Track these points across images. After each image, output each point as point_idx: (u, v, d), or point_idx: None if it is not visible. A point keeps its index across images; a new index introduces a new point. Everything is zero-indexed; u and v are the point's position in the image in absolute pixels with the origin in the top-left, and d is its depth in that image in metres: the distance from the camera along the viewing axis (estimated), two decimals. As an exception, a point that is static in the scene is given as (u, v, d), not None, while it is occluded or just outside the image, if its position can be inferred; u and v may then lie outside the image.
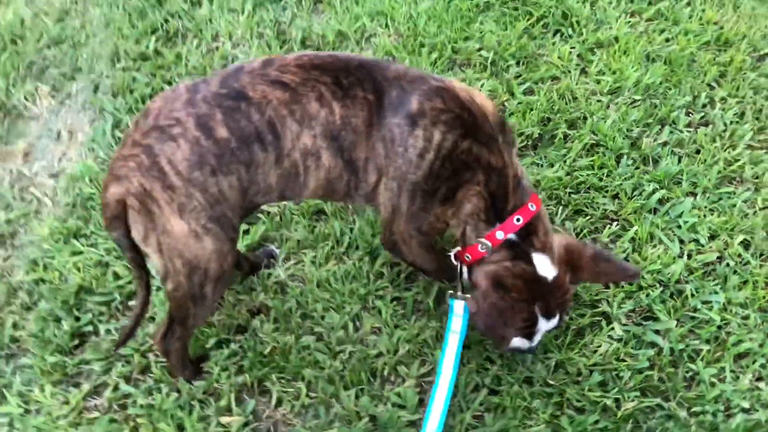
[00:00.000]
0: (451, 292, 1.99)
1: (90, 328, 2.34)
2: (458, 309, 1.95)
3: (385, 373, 2.15)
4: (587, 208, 2.47)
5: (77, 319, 2.35)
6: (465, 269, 1.96)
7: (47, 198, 2.80)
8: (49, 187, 2.85)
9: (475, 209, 1.81)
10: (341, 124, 1.71)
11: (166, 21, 3.39)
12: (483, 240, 1.81)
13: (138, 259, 1.80)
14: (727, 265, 2.29)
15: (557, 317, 1.89)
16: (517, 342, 1.92)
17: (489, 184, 1.77)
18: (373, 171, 1.80)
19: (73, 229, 2.61)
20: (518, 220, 1.79)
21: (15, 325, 2.39)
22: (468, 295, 1.94)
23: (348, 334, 2.23)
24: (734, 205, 2.42)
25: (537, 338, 1.95)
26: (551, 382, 2.07)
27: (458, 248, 1.93)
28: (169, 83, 3.09)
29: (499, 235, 1.80)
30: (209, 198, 1.64)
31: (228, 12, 3.39)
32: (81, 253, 2.51)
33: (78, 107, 3.17)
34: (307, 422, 2.07)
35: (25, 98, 3.19)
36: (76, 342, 2.32)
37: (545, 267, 1.82)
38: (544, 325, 1.88)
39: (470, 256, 1.86)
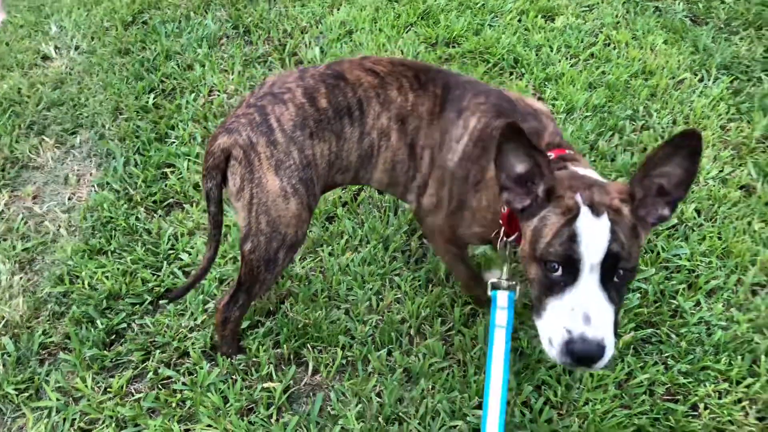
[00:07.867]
0: (494, 281, 1.79)
1: (123, 325, 2.46)
2: (502, 301, 1.74)
3: (411, 332, 2.37)
4: (563, 195, 2.86)
5: (110, 319, 2.47)
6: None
7: (63, 229, 2.94)
8: (62, 220, 3.00)
9: None
10: (410, 110, 2.00)
11: (162, 81, 3.73)
12: None
13: (218, 217, 2.02)
14: (686, 226, 2.71)
15: None
16: None
17: None
18: (428, 159, 2.03)
19: (96, 246, 2.76)
20: None
21: (45, 332, 2.47)
22: (513, 282, 1.79)
23: (372, 306, 2.46)
24: (682, 184, 2.87)
25: None
26: (559, 325, 2.35)
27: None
28: (173, 128, 3.38)
29: None
30: (303, 159, 1.90)
31: (219, 72, 3.78)
32: (106, 265, 2.66)
33: (83, 155, 3.38)
34: (344, 382, 2.23)
35: (30, 151, 3.38)
36: (112, 338, 2.43)
37: None
38: None
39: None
